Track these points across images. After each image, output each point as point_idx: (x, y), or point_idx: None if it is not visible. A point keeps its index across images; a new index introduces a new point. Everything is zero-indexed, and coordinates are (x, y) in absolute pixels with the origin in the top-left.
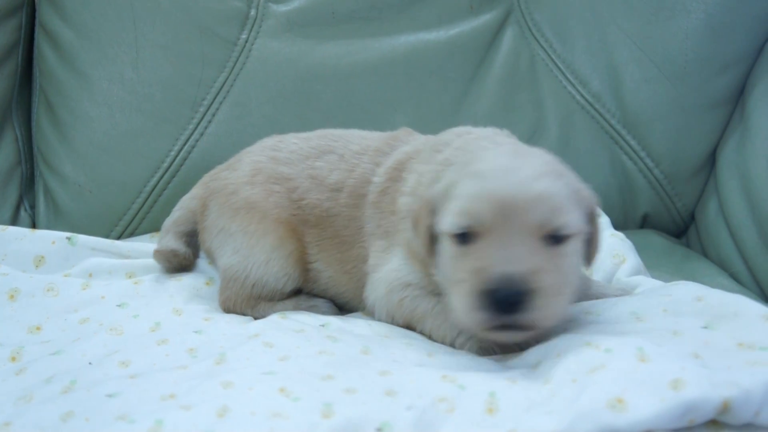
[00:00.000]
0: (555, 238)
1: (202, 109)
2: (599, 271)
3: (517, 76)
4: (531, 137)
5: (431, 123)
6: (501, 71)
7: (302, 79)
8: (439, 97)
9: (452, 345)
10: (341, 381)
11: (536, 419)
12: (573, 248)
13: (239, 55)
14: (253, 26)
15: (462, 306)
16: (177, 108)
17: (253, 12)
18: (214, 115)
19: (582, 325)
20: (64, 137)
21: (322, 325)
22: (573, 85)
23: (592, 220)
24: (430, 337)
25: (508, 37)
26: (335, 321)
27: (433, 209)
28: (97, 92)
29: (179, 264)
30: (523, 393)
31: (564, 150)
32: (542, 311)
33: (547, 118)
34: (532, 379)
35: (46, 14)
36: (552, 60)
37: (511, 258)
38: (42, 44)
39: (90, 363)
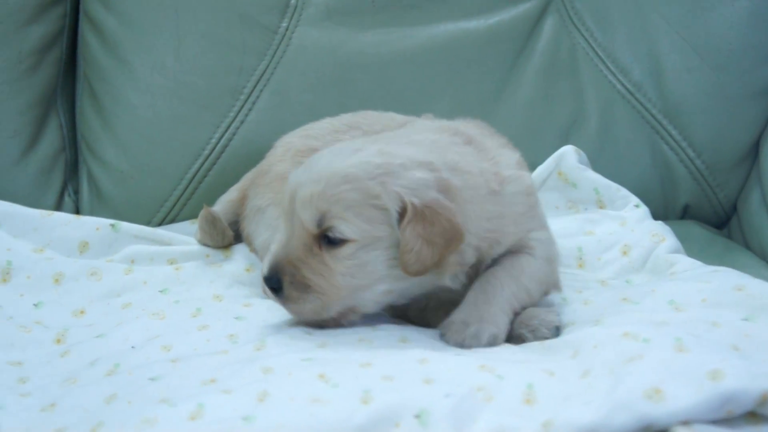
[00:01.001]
0: (329, 240)
1: (242, 97)
2: (638, 247)
3: (557, 65)
4: (571, 127)
5: (470, 112)
6: (541, 60)
7: (341, 68)
8: (478, 86)
9: None
10: (379, 368)
11: (573, 409)
12: (352, 252)
13: (279, 43)
14: (293, 14)
15: None
16: (218, 96)
17: (293, 0)
18: (254, 102)
19: (619, 313)
20: (107, 124)
21: None
22: (614, 74)
23: (401, 225)
24: None
25: (549, 25)
26: None
27: None
28: (140, 80)
29: (220, 234)
30: (561, 384)
31: (604, 140)
32: (295, 303)
33: (587, 108)
34: (570, 369)
35: (89, 3)
36: (593, 49)
37: (283, 246)
38: (86, 32)
39: (132, 347)
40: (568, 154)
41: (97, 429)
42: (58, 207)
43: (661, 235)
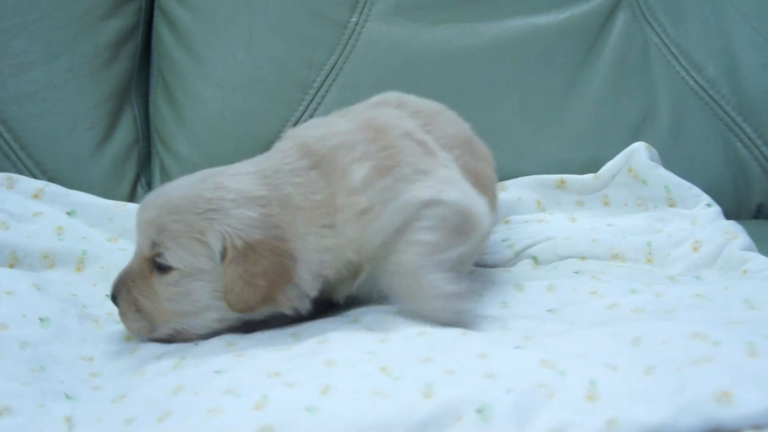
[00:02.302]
0: (159, 266)
1: (312, 91)
2: (709, 243)
3: (628, 61)
4: (641, 124)
5: (538, 108)
6: (612, 56)
7: (410, 63)
8: (547, 82)
9: None
10: (441, 362)
11: (638, 408)
12: (176, 280)
13: (349, 38)
14: (363, 9)
15: None
16: (288, 90)
17: None
18: (323, 97)
19: (691, 309)
20: (180, 117)
21: None
22: (686, 71)
23: (224, 264)
24: None
25: (620, 21)
26: None
27: None
28: (212, 73)
29: None
30: (624, 379)
31: (676, 137)
32: (127, 320)
33: (659, 105)
34: (633, 363)
35: None
36: (665, 44)
37: (128, 264)
38: (160, 26)
39: (196, 343)
40: (640, 150)
41: (165, 418)
42: (131, 198)
43: (734, 233)
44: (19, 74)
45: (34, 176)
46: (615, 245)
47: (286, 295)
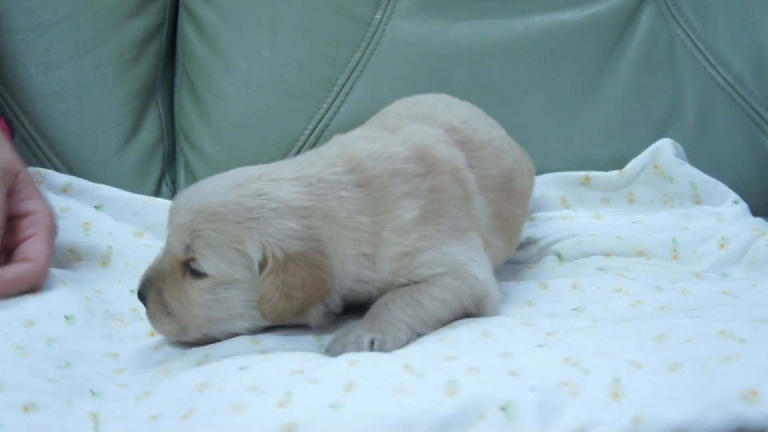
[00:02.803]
0: (192, 271)
1: (336, 89)
2: (736, 240)
3: (653, 57)
4: (667, 120)
5: (563, 105)
6: (637, 52)
7: (434, 59)
8: (572, 78)
9: None
10: (464, 360)
11: (663, 406)
12: (210, 287)
13: (373, 35)
14: (387, 6)
15: None
16: (311, 87)
17: None
18: (347, 94)
19: (718, 306)
20: (204, 115)
21: None
22: (713, 66)
23: (262, 275)
24: None
25: (646, 16)
26: None
27: None
28: (236, 72)
29: None
30: (649, 377)
31: (702, 133)
32: (157, 322)
33: (685, 101)
34: (658, 360)
35: None
36: (691, 40)
37: (156, 264)
38: (185, 25)
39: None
40: (666, 147)
41: (190, 415)
42: (156, 195)
43: (761, 230)
44: (45, 72)
45: (60, 173)
46: (640, 242)
47: (317, 310)
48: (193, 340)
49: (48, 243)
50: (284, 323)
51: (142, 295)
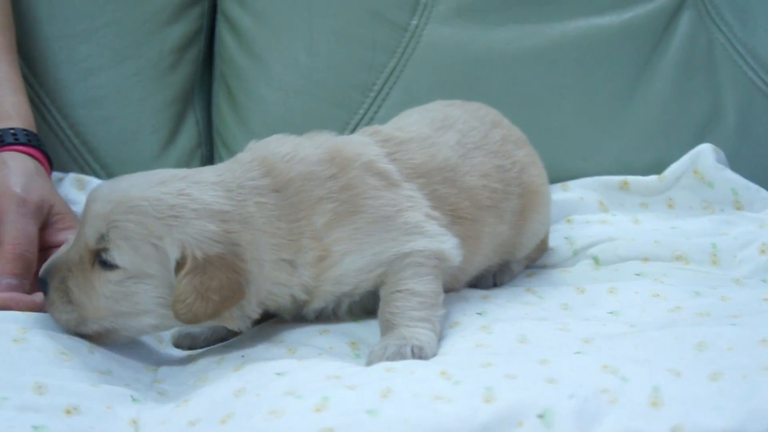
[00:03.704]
0: (102, 261)
1: (372, 94)
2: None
3: (693, 61)
4: (706, 125)
5: (601, 110)
6: (676, 56)
7: (470, 65)
8: (610, 83)
9: None
10: (501, 367)
11: (704, 414)
12: (119, 280)
13: (409, 41)
14: (423, 12)
15: None
16: (348, 93)
17: None
18: (384, 100)
19: (759, 313)
20: (242, 121)
21: (479, 313)
22: (754, 71)
23: (179, 274)
24: None
25: (685, 20)
26: (490, 307)
27: None
28: (274, 77)
29: None
30: (688, 385)
31: (742, 138)
32: (55, 310)
33: (725, 105)
34: (697, 368)
35: (227, 2)
36: (731, 44)
37: (64, 251)
38: (223, 31)
39: (254, 347)
40: (706, 152)
41: (228, 420)
42: None
43: None
44: (86, 79)
45: (100, 179)
46: (678, 246)
47: (231, 313)
48: (92, 332)
49: None
50: (197, 324)
51: (44, 281)
